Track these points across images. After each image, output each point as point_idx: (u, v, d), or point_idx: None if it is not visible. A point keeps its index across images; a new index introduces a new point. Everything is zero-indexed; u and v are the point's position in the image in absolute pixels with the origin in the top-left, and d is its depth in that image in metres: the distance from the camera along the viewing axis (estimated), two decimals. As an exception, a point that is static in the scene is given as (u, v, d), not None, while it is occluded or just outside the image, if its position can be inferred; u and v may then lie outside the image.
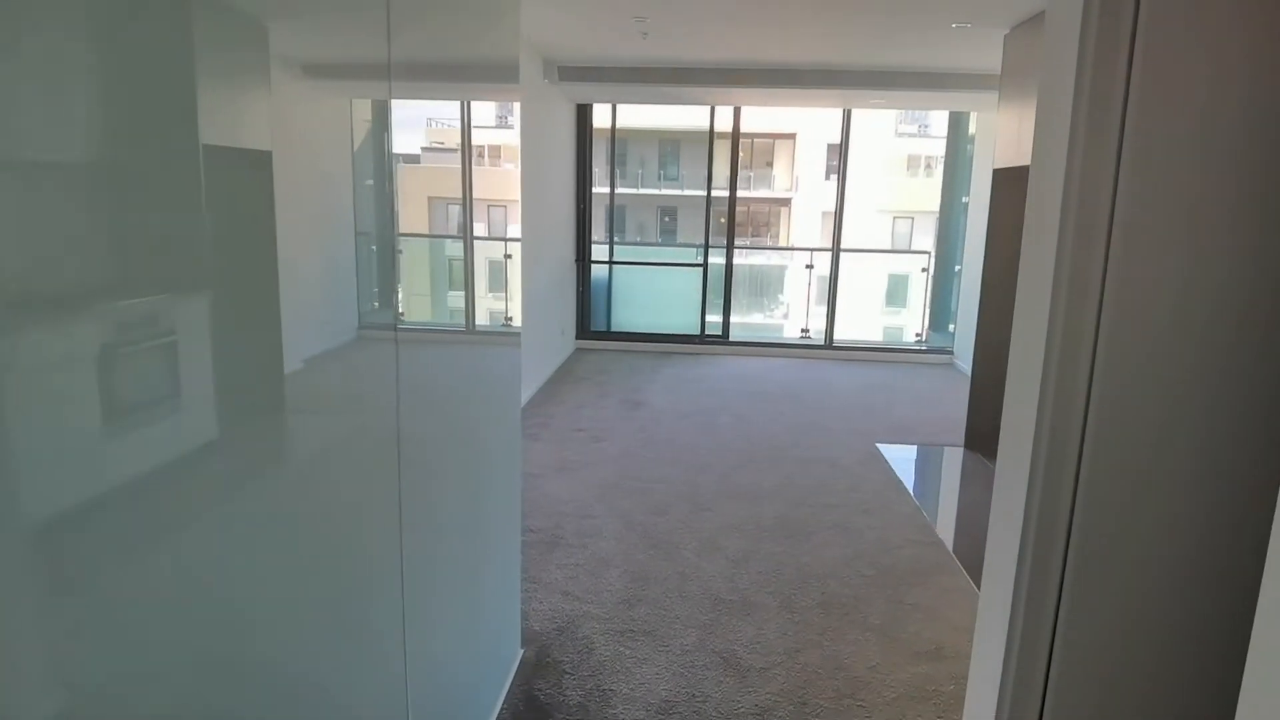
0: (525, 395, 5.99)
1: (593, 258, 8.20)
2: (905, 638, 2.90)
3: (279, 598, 1.14)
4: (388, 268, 1.46)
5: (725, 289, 8.19)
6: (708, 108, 7.88)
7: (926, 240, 21.99)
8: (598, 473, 4.47)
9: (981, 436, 5.16)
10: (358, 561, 1.42)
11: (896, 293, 17.18)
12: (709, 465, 4.65)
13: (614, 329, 8.33)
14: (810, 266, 9.08)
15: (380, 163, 1.41)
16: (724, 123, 7.88)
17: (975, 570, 3.45)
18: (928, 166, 22.92)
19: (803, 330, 8.95)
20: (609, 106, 8.04)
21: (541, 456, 4.72)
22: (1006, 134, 4.69)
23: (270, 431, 1.11)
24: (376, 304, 1.42)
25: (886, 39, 5.12)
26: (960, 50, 5.34)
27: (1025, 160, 4.62)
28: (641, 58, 6.10)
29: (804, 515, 3.96)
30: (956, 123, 8.82)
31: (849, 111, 7.82)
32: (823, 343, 8.17)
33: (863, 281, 9.31)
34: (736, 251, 8.18)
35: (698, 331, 8.19)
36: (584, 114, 7.83)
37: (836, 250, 8.11)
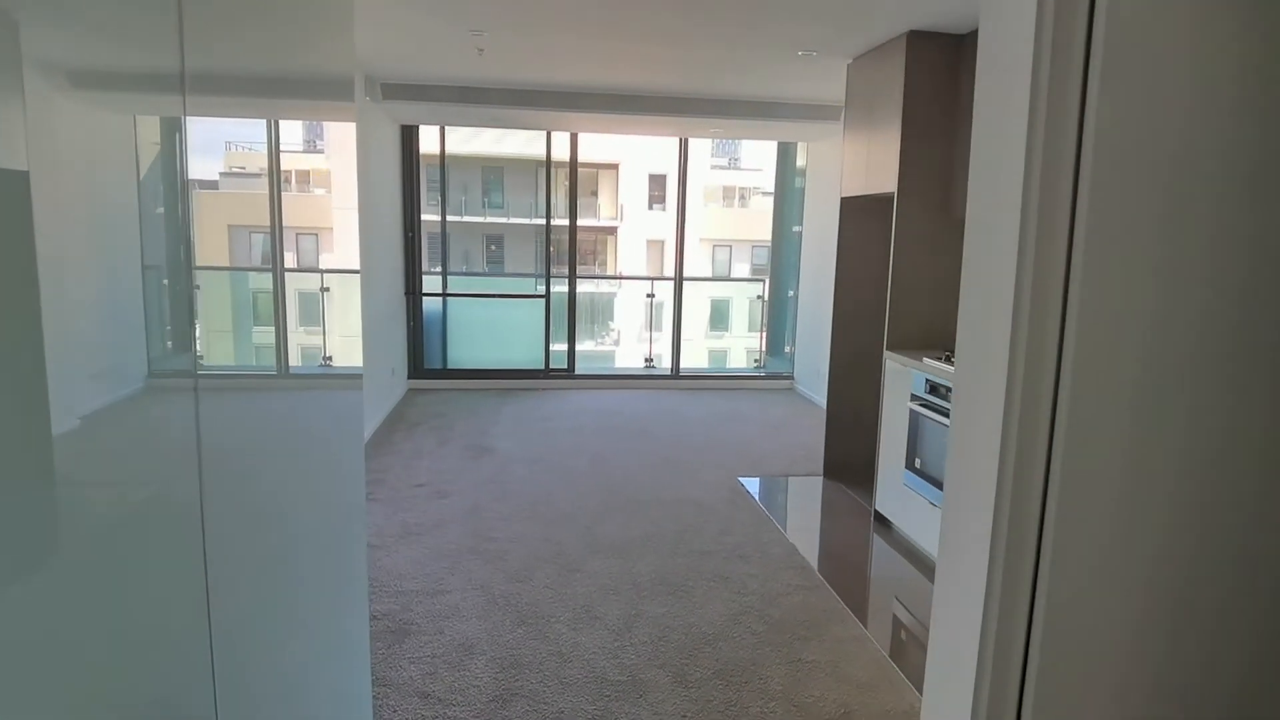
0: (355, 447, 5.34)
1: (424, 290, 7.61)
2: (811, 703, 2.66)
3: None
4: (183, 304, 1.26)
5: (569, 319, 7.86)
6: (537, 135, 7.56)
7: (743, 268, 23.00)
8: (447, 536, 3.97)
9: (840, 465, 5.13)
10: (151, 681, 1.08)
11: (720, 318, 17.70)
12: (570, 516, 4.27)
13: (451, 366, 7.75)
14: (651, 295, 8.96)
15: (172, 188, 1.22)
16: (559, 150, 7.59)
17: (864, 614, 3.29)
18: (741, 198, 24.14)
19: (646, 360, 8.79)
20: (436, 130, 7.53)
21: (380, 521, 4.14)
22: (852, 162, 4.70)
23: (32, 513, 0.87)
24: (170, 345, 1.23)
25: (731, 67, 5.03)
26: (800, 80, 5.36)
27: (873, 189, 4.66)
28: (474, 78, 5.69)
29: (680, 567, 3.66)
30: (785, 154, 9.04)
31: (685, 141, 7.77)
32: (669, 372, 8.02)
33: (689, 307, 9.20)
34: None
35: (542, 365, 7.79)
36: (409, 136, 7.28)
37: (680, 278, 8.01)
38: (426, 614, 3.17)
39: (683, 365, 8.03)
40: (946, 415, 3.60)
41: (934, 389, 3.74)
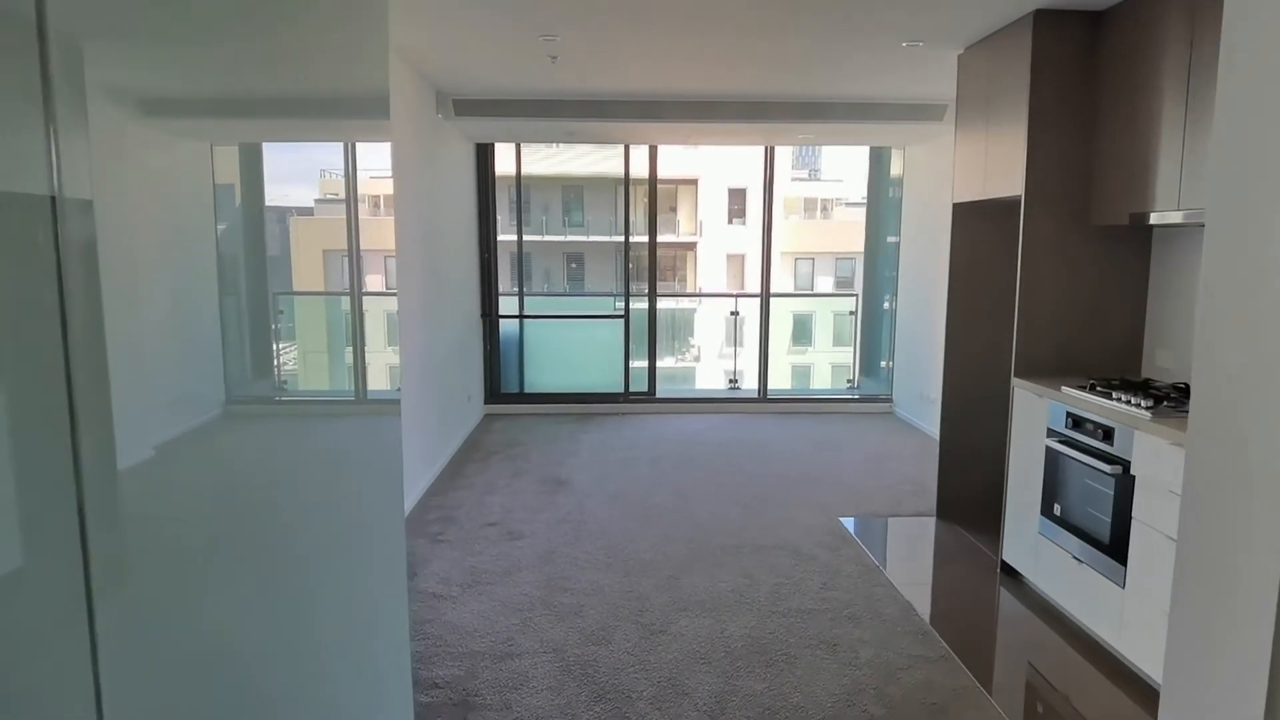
0: (425, 480, 5.07)
1: (500, 312, 7.37)
2: (948, 822, 2.17)
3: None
4: (263, 329, 1.26)
5: (649, 340, 7.49)
6: (614, 151, 7.25)
7: (826, 281, 22.33)
8: (518, 586, 3.61)
9: (956, 505, 4.56)
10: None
11: (802, 332, 17.06)
12: (652, 565, 3.86)
13: (528, 390, 7.48)
14: (735, 313, 8.51)
15: (253, 213, 1.24)
16: (637, 167, 7.25)
17: (1003, 694, 2.77)
18: (823, 209, 23.52)
19: (730, 380, 8.33)
20: (512, 148, 7.30)
21: (446, 566, 3.82)
22: (966, 164, 4.17)
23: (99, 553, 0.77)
24: (250, 372, 1.24)
25: (825, 64, 4.57)
26: (901, 77, 4.86)
27: (992, 193, 4.12)
28: (547, 90, 5.40)
29: (779, 630, 3.20)
30: (878, 160, 8.48)
31: (770, 150, 7.32)
32: (755, 394, 7.54)
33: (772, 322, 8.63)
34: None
35: (622, 389, 7.43)
36: (485, 155, 7.07)
37: (766, 294, 7.53)
38: (492, 683, 2.81)
39: (770, 387, 7.53)
40: (1093, 455, 3.04)
41: (1078, 423, 3.18)
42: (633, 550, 4.02)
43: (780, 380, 14.55)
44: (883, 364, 8.18)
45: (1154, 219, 3.10)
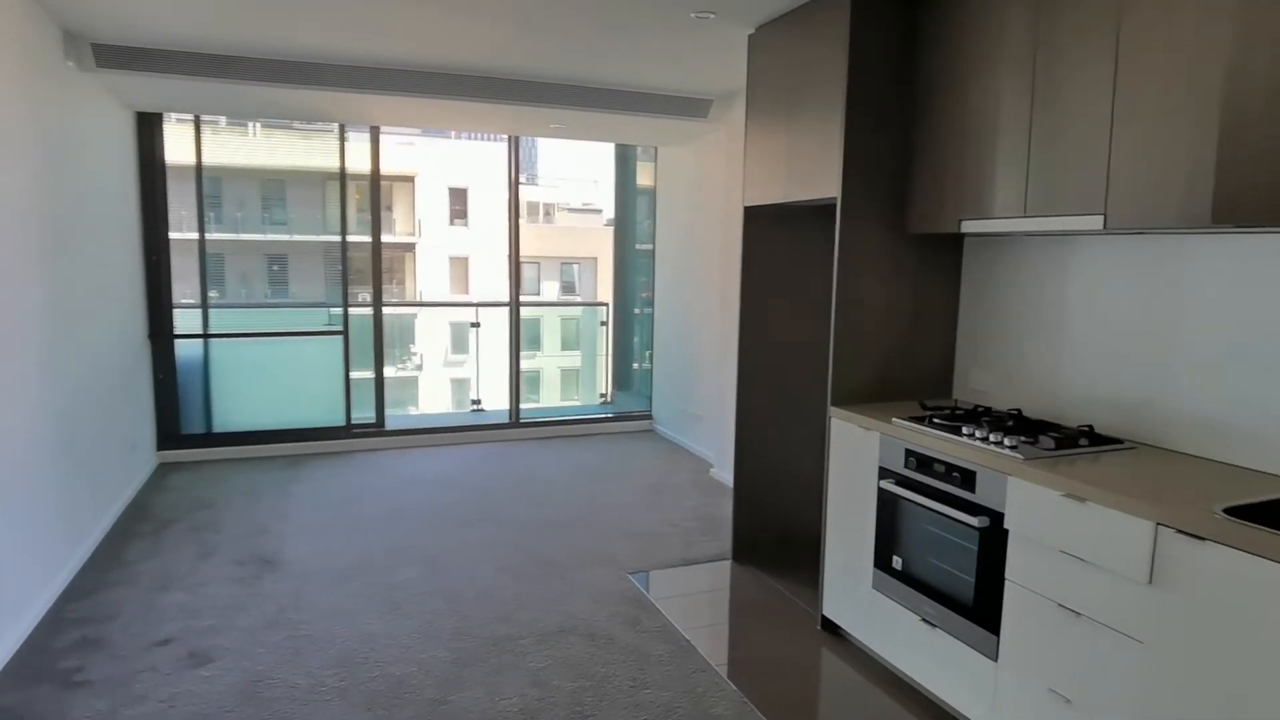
0: (59, 576, 3.56)
1: (178, 330, 5.74)
2: None
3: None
4: None
5: (376, 358, 6.27)
6: (328, 144, 5.96)
7: (553, 287, 21.97)
8: (204, 755, 2.42)
9: (755, 546, 4.05)
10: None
11: (530, 338, 16.43)
12: (407, 684, 2.84)
13: (217, 429, 5.91)
14: (476, 325, 7.53)
15: None
16: (356, 161, 6.01)
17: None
18: (545, 214, 23.22)
19: (474, 402, 7.36)
20: (191, 125, 5.71)
21: (83, 735, 2.51)
22: (763, 163, 3.64)
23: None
24: None
25: (602, 39, 3.82)
26: (674, 63, 4.25)
27: (795, 196, 3.52)
28: (231, 41, 4.07)
29: (594, 770, 2.38)
30: (624, 161, 7.98)
31: (516, 142, 6.46)
32: (507, 420, 6.64)
33: (493, 327, 7.60)
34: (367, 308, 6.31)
35: (343, 421, 6.14)
36: (151, 130, 5.43)
37: (516, 304, 6.65)
38: None
39: (523, 408, 6.67)
40: (949, 503, 2.58)
41: (924, 464, 2.72)
42: (377, 662, 2.96)
43: (504, 385, 13.75)
44: (635, 365, 7.71)
45: (1000, 226, 2.72)
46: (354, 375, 6.15)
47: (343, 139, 5.96)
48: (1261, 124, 1.96)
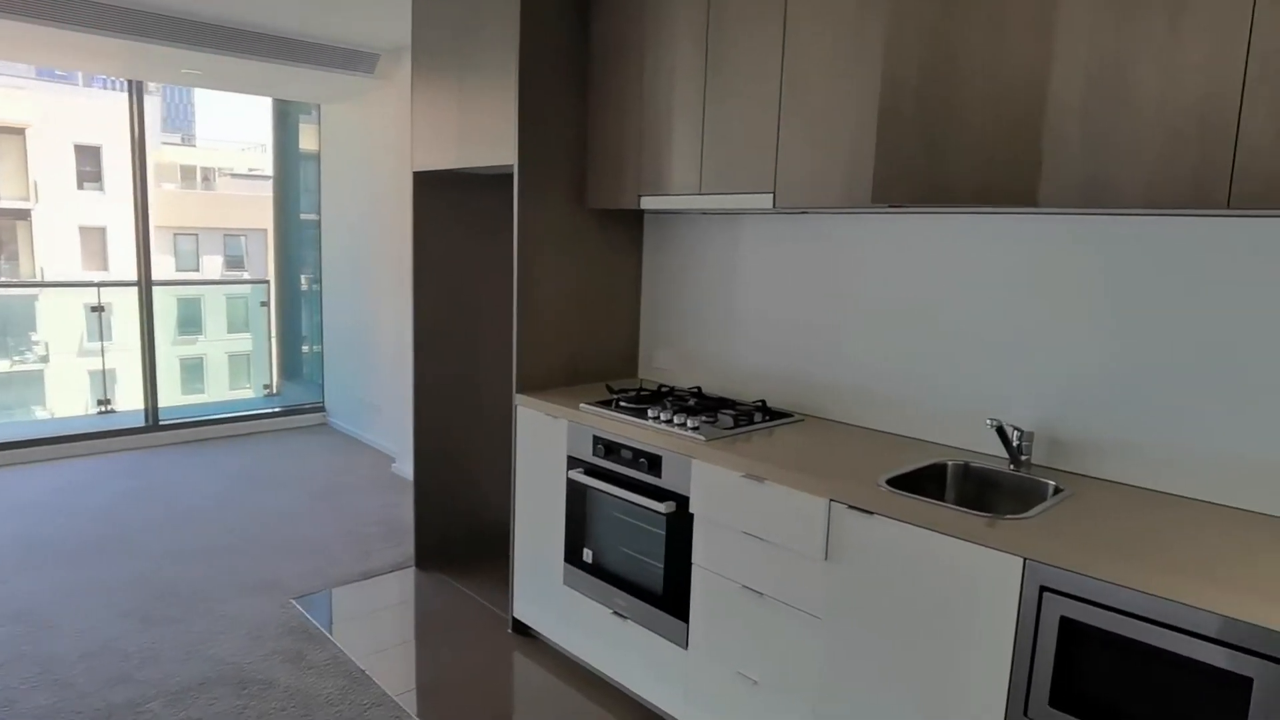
0: None
1: None
2: None
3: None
4: None
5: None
6: None
7: (215, 261, 19.57)
8: None
9: (440, 549, 3.73)
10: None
11: (191, 321, 14.45)
12: (-31, 791, 2.13)
13: None
14: (99, 308, 6.24)
15: None
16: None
17: None
18: (204, 179, 20.56)
19: (100, 404, 6.11)
20: None
21: None
22: (432, 125, 3.28)
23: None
24: None
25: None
26: (334, 10, 3.71)
27: (469, 162, 3.22)
28: None
29: None
30: (284, 125, 7.07)
31: (139, 90, 5.37)
32: (143, 423, 5.56)
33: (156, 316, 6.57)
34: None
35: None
36: None
37: (146, 284, 5.56)
38: None
39: (162, 406, 5.63)
40: (637, 490, 2.48)
41: (611, 450, 2.59)
42: (-80, 773, 2.19)
43: (171, 385, 11.90)
44: (304, 349, 6.93)
45: (678, 204, 2.65)
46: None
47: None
48: (914, 119, 2.04)
